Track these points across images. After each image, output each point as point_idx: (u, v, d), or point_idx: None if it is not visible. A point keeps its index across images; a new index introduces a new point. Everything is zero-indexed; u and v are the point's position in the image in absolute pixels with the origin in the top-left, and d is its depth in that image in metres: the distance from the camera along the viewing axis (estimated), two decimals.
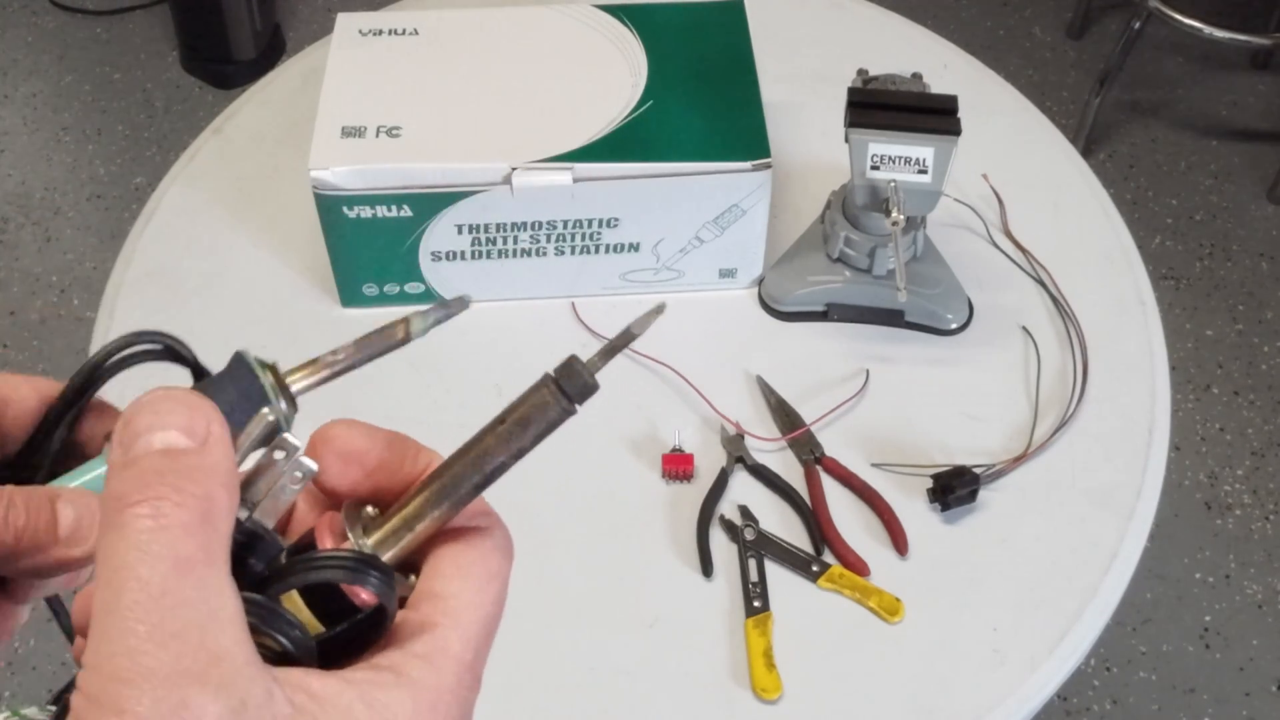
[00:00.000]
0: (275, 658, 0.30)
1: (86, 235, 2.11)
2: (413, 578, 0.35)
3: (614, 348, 0.34)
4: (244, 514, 0.32)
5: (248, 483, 0.33)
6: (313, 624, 0.33)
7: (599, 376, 0.34)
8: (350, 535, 0.34)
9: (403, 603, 0.34)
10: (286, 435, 0.34)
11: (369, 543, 0.34)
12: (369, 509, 0.36)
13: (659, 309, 0.35)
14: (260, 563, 0.33)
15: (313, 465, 0.34)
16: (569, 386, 0.34)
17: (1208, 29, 2.07)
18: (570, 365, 0.34)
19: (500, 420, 0.34)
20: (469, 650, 0.33)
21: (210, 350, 0.35)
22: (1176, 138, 2.28)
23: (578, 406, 0.34)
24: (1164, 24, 2.09)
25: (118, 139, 2.25)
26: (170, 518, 0.28)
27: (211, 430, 0.31)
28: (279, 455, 0.33)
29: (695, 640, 0.85)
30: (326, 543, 0.34)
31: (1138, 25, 2.09)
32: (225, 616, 0.28)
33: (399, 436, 0.37)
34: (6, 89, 2.33)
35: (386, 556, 0.34)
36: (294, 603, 0.33)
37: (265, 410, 0.35)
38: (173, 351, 0.39)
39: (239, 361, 0.37)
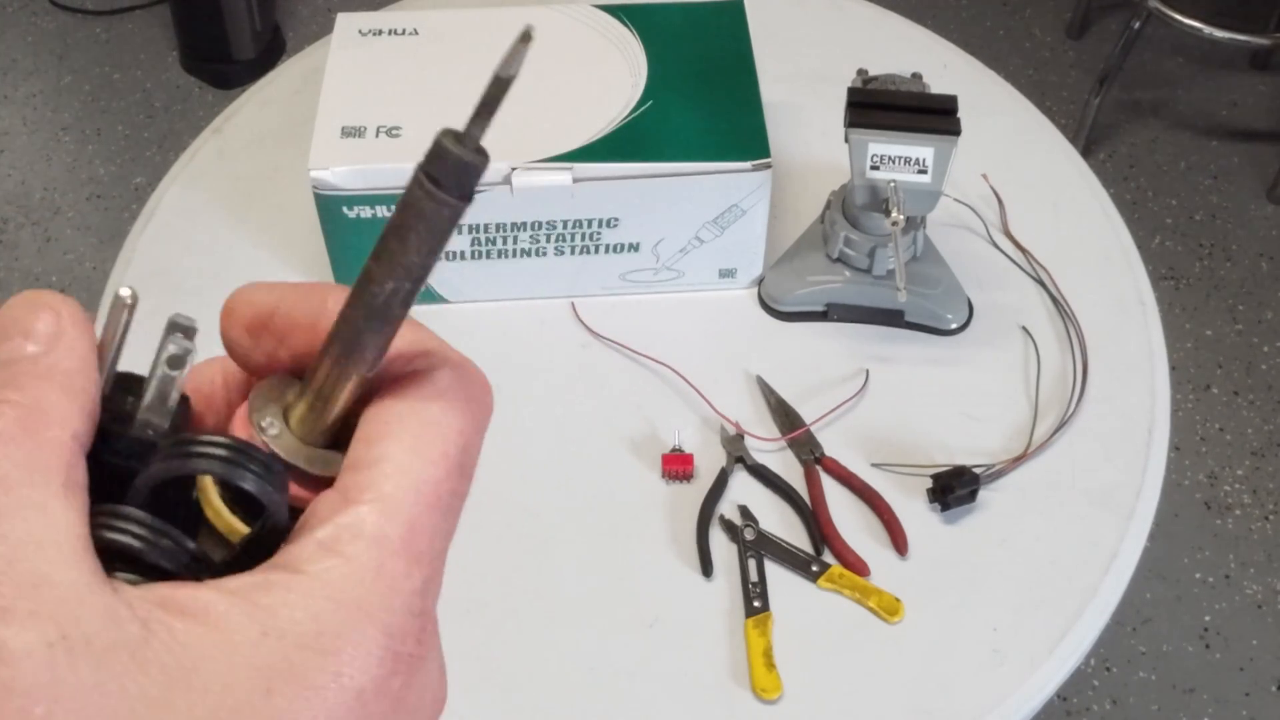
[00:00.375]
0: (160, 576, 0.26)
1: (86, 235, 2.11)
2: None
3: (488, 103, 0.28)
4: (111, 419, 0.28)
5: (136, 381, 0.29)
6: (234, 528, 0.28)
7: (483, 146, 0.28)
8: (253, 419, 0.29)
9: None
10: (178, 316, 0.29)
11: (275, 423, 0.29)
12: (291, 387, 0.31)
13: (524, 36, 0.28)
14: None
15: (185, 343, 0.29)
16: (441, 172, 0.27)
17: (1208, 29, 2.07)
18: (440, 146, 0.27)
19: (380, 239, 0.28)
20: (395, 526, 0.26)
21: (209, 351, 0.32)
22: (1176, 138, 2.28)
23: (457, 194, 0.27)
24: (1164, 24, 2.09)
25: (117, 139, 2.25)
26: None
27: (62, 330, 0.27)
28: (171, 342, 0.29)
29: (695, 640, 0.85)
30: (238, 433, 0.29)
31: (1137, 25, 2.09)
32: (50, 538, 0.24)
33: (309, 285, 0.30)
34: (6, 89, 2.33)
35: (311, 433, 0.29)
36: (213, 508, 0.28)
37: (123, 292, 0.29)
38: None
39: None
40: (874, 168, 0.92)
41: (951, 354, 1.00)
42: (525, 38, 0.28)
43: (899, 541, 0.89)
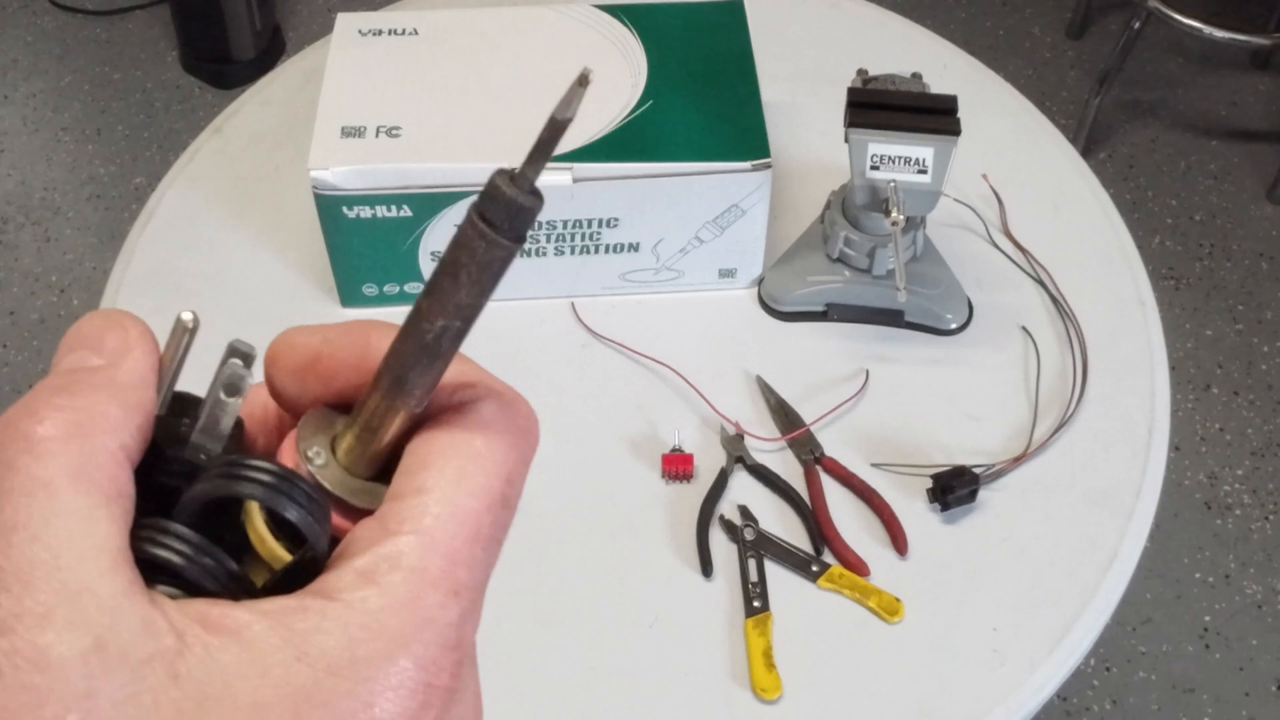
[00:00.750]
0: (200, 594, 0.26)
1: (86, 235, 2.11)
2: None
3: (543, 145, 0.27)
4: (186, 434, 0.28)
5: (193, 403, 0.29)
6: (275, 554, 0.28)
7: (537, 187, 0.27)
8: (300, 449, 0.29)
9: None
10: (238, 341, 0.29)
11: (322, 454, 0.29)
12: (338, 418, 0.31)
13: (582, 79, 0.27)
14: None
15: (243, 371, 0.29)
16: (495, 213, 0.27)
17: (1208, 29, 2.07)
18: (494, 187, 0.27)
19: (431, 276, 0.28)
20: (434, 557, 0.26)
21: (210, 351, 0.32)
22: (1176, 138, 2.28)
23: (511, 236, 0.27)
24: (1164, 24, 2.09)
25: (117, 139, 2.25)
26: (32, 436, 0.25)
27: (129, 347, 0.27)
28: (238, 366, 0.29)
29: (695, 640, 0.85)
30: (286, 461, 0.30)
31: (1137, 25, 2.09)
32: (92, 545, 0.24)
33: (352, 325, 0.30)
34: (6, 89, 2.33)
35: (358, 468, 0.29)
36: (257, 533, 0.28)
37: (184, 316, 0.29)
38: None
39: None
40: (874, 168, 0.92)
41: (951, 354, 1.00)
42: (583, 81, 0.27)
43: (899, 541, 0.89)
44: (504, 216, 0.27)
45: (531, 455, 0.31)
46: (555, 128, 0.27)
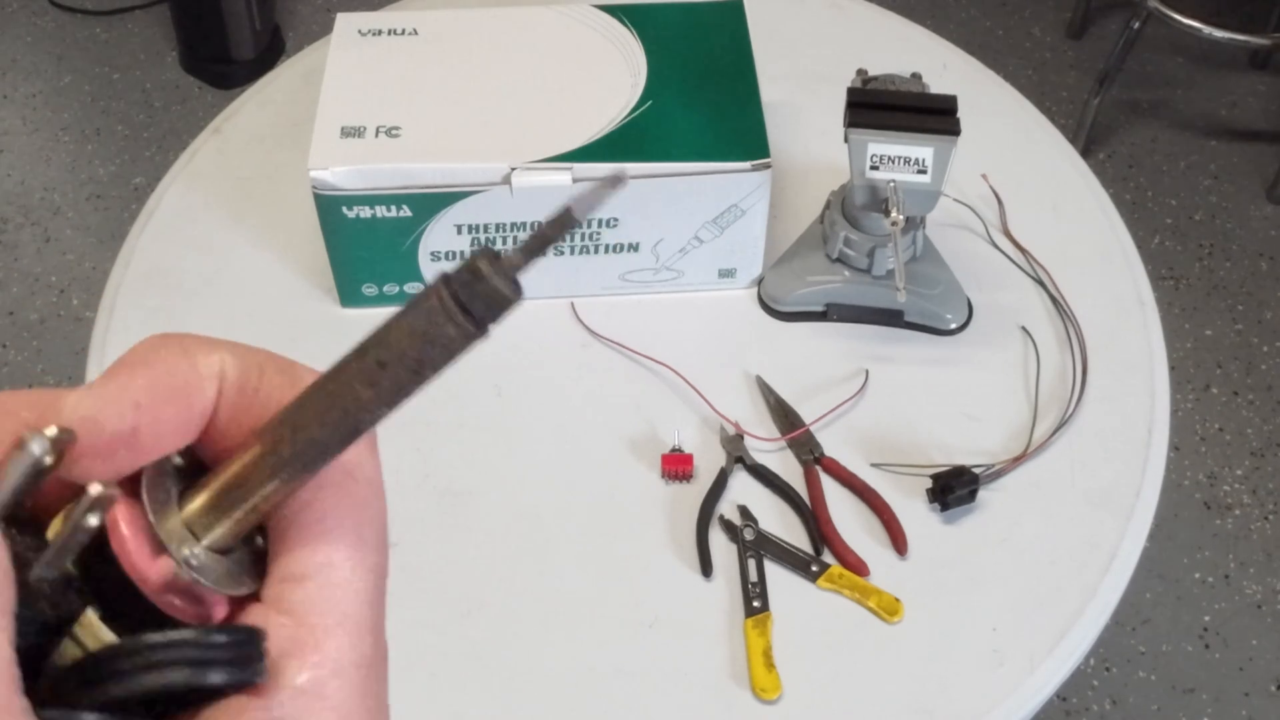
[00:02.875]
0: None
1: (86, 235, 2.11)
2: (259, 540, 0.26)
3: (545, 238, 0.23)
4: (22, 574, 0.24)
5: (12, 507, 0.24)
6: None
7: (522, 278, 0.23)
8: (168, 543, 0.25)
9: (254, 595, 0.26)
10: (57, 430, 0.23)
11: (197, 552, 0.25)
12: (175, 459, 0.27)
13: (612, 180, 0.23)
14: (57, 635, 0.24)
15: (112, 491, 0.24)
16: (476, 304, 0.23)
17: (1207, 29, 2.07)
18: (477, 271, 0.23)
19: (377, 359, 0.24)
20: (365, 642, 0.24)
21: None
22: (1176, 138, 2.28)
23: (488, 326, 0.23)
24: (1163, 24, 2.09)
25: (117, 139, 2.25)
26: None
27: None
28: (46, 460, 0.24)
29: (694, 640, 0.85)
30: (134, 564, 0.25)
31: (1137, 25, 2.09)
32: None
33: (160, 378, 0.25)
34: (6, 89, 2.33)
35: (214, 538, 0.25)
36: (90, 630, 0.24)
37: (34, 449, 0.23)
38: None
39: None
40: (874, 168, 0.92)
41: (951, 354, 1.00)
42: (614, 181, 0.24)
43: (898, 541, 0.89)
44: (482, 305, 0.23)
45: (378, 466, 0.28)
46: (566, 223, 0.23)
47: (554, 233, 0.23)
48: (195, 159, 1.14)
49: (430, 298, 0.23)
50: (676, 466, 0.92)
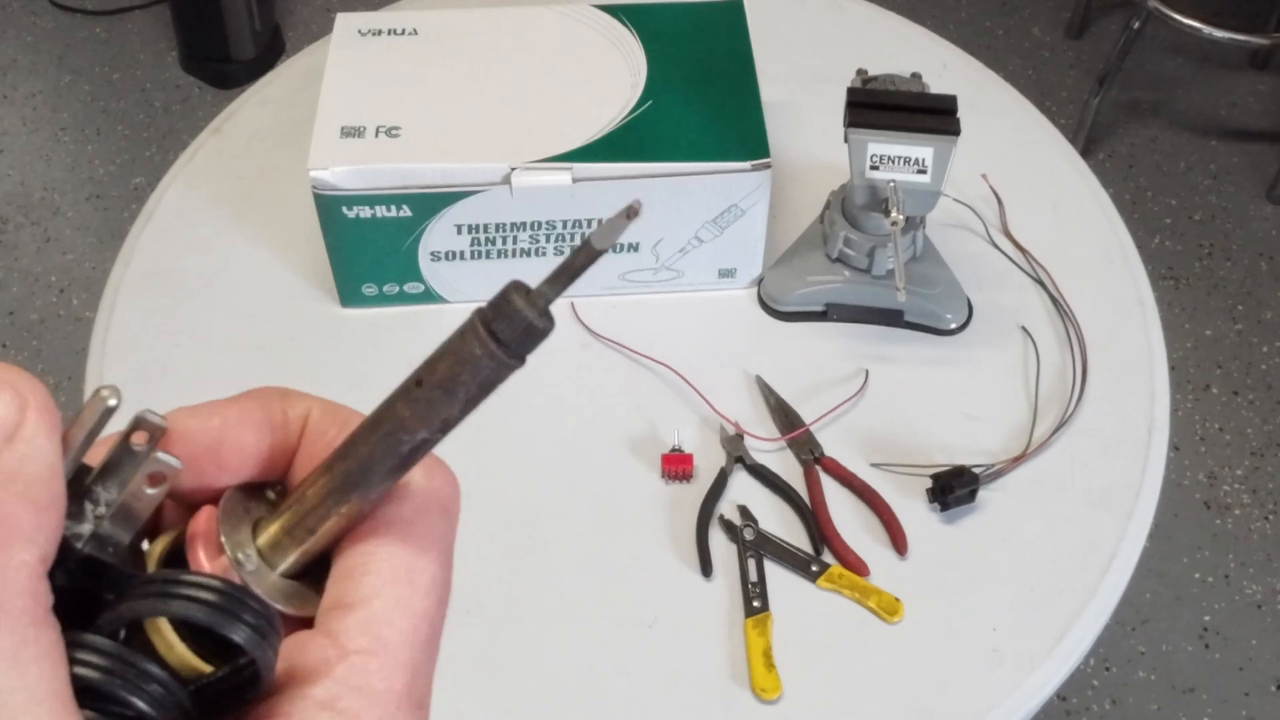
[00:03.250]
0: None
1: (86, 235, 2.11)
2: (325, 582, 0.27)
3: (571, 269, 0.24)
4: (86, 528, 0.25)
5: (98, 480, 0.25)
6: (187, 663, 0.25)
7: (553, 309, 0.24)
8: (227, 545, 0.26)
9: (310, 622, 0.26)
10: (148, 412, 0.25)
11: (252, 556, 0.26)
12: (269, 494, 0.28)
13: (628, 212, 0.25)
14: (112, 591, 0.25)
15: (173, 462, 0.26)
16: (505, 329, 0.24)
17: (1207, 29, 2.07)
18: (508, 299, 0.24)
19: (416, 380, 0.25)
20: (399, 676, 0.25)
21: (209, 351, 0.31)
22: (1176, 138, 2.28)
23: (523, 357, 0.25)
24: (1163, 24, 2.09)
25: (117, 139, 2.25)
26: None
27: (26, 419, 0.23)
28: (138, 444, 0.25)
29: (694, 640, 0.85)
30: (197, 554, 0.26)
31: (1137, 25, 2.09)
32: (22, 688, 0.21)
33: (253, 403, 0.27)
34: (6, 89, 2.33)
35: (283, 567, 0.27)
36: (162, 635, 0.25)
37: (104, 390, 0.25)
38: None
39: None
40: (873, 168, 0.92)
41: (951, 354, 1.00)
42: (630, 213, 0.25)
43: (898, 541, 0.89)
44: (514, 335, 0.24)
45: (457, 520, 0.29)
46: (589, 254, 0.24)
47: (579, 264, 0.24)
48: (195, 159, 1.14)
49: (466, 326, 0.25)
50: (676, 466, 0.92)
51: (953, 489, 0.89)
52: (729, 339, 1.01)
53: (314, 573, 0.27)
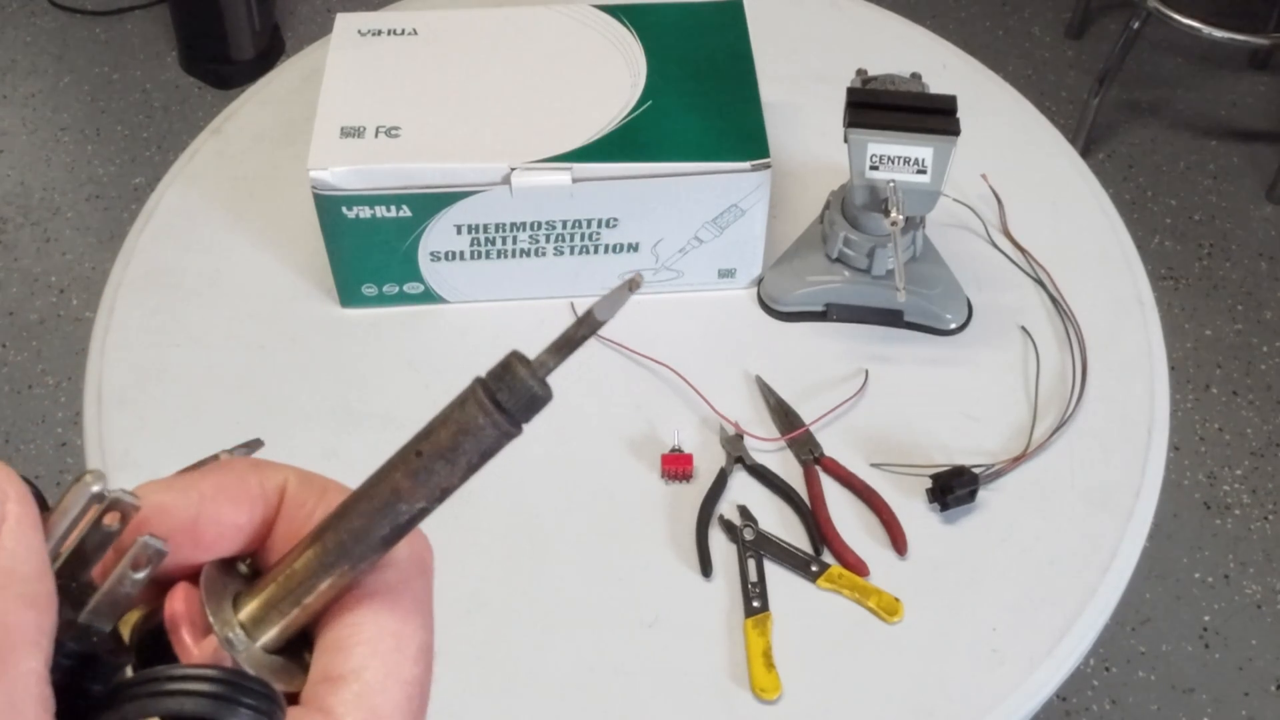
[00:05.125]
0: None
1: (85, 235, 2.11)
2: (306, 655, 0.27)
3: (571, 340, 0.25)
4: (69, 618, 0.24)
5: (71, 565, 0.24)
6: None
7: (552, 378, 0.25)
8: (215, 625, 0.26)
9: (295, 696, 0.26)
10: (121, 492, 0.24)
11: (240, 635, 0.25)
12: (241, 567, 0.28)
13: (630, 284, 0.25)
14: (99, 683, 0.24)
15: (162, 546, 0.25)
16: (507, 398, 0.25)
17: (1207, 29, 2.07)
18: (510, 368, 0.25)
19: (416, 450, 0.25)
20: None
21: (209, 351, 0.31)
22: (1176, 138, 2.28)
23: (522, 425, 0.25)
24: (1163, 24, 2.09)
25: (117, 139, 2.25)
26: None
27: (6, 514, 0.22)
28: (110, 525, 0.25)
29: (694, 640, 0.85)
30: (183, 637, 0.26)
31: (1137, 25, 2.09)
32: None
33: (228, 476, 0.27)
34: (5, 89, 2.33)
35: (268, 637, 0.26)
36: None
37: (87, 476, 0.24)
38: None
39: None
40: (873, 168, 0.92)
41: (951, 354, 1.00)
42: (633, 285, 0.25)
43: (898, 541, 0.89)
44: (517, 404, 0.25)
45: (432, 582, 0.28)
46: (591, 325, 0.25)
47: (580, 334, 0.25)
48: (195, 159, 1.14)
49: (467, 394, 0.25)
50: (676, 466, 0.92)
51: (952, 489, 0.89)
52: (729, 339, 1.01)
53: (294, 645, 0.27)
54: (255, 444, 0.28)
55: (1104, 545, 0.89)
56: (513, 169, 0.93)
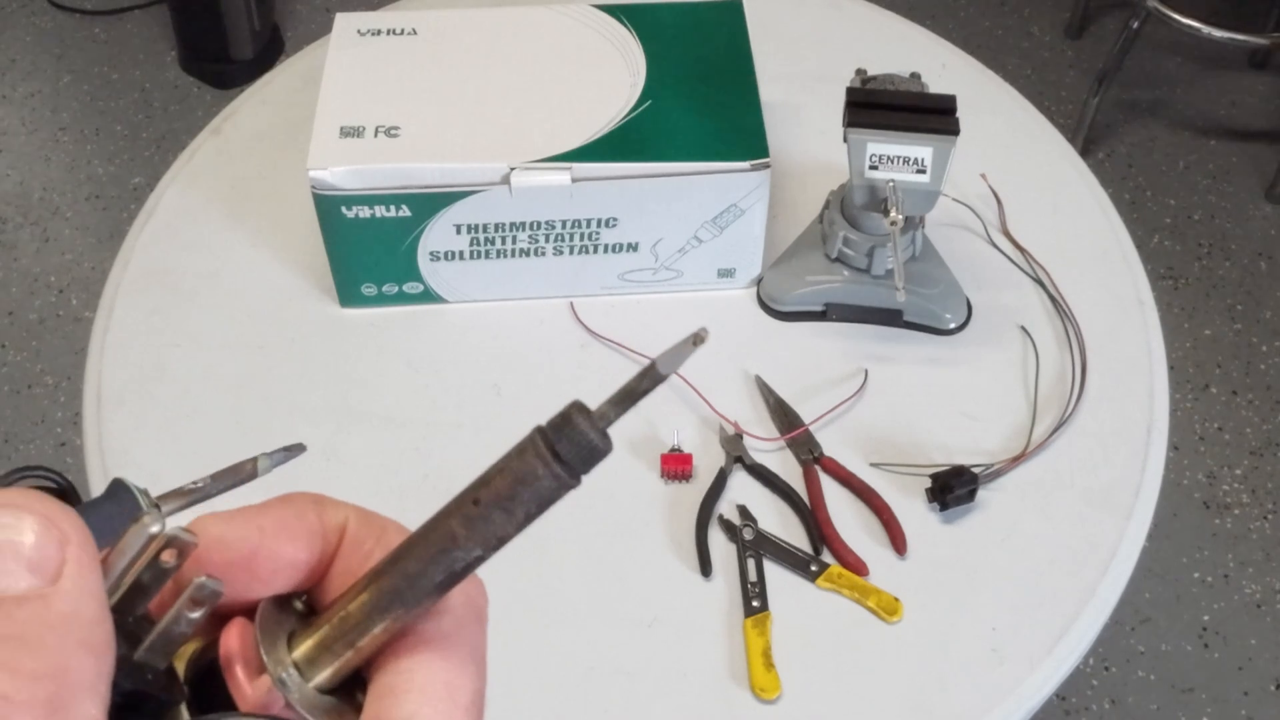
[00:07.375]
0: None
1: (85, 235, 2.11)
2: (359, 695, 0.27)
3: (634, 392, 0.25)
4: (125, 657, 0.24)
5: (127, 601, 0.25)
6: None
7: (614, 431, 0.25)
8: (269, 664, 0.26)
9: None
10: (179, 530, 0.25)
11: (294, 674, 0.26)
12: (297, 604, 0.28)
13: (694, 339, 0.25)
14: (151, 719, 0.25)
15: (218, 587, 0.25)
16: (567, 449, 0.24)
17: (1206, 29, 2.07)
18: (569, 419, 0.24)
19: (473, 498, 0.25)
20: None
21: (209, 351, 0.31)
22: (1175, 137, 2.28)
23: (581, 477, 0.25)
24: (1163, 24, 2.09)
25: (116, 139, 2.25)
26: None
27: (67, 557, 0.21)
28: (167, 562, 0.25)
29: (694, 640, 0.85)
30: (237, 675, 0.26)
31: (1136, 25, 2.09)
32: None
33: (288, 511, 0.27)
34: (5, 89, 2.33)
35: (321, 678, 0.26)
36: None
37: (146, 518, 0.24)
38: (61, 490, 0.30)
39: (117, 486, 0.29)
40: (873, 167, 0.92)
41: (950, 354, 1.00)
42: (697, 340, 0.25)
43: (898, 541, 0.89)
44: (576, 455, 0.24)
45: (486, 628, 0.28)
46: (653, 379, 0.25)
47: (642, 387, 0.25)
48: (194, 159, 1.14)
49: (526, 444, 0.24)
50: (676, 466, 0.92)
51: (952, 489, 0.90)
52: (728, 339, 1.01)
53: (347, 686, 0.27)
54: (296, 449, 0.28)
55: (1103, 545, 0.89)
56: (512, 169, 0.93)
